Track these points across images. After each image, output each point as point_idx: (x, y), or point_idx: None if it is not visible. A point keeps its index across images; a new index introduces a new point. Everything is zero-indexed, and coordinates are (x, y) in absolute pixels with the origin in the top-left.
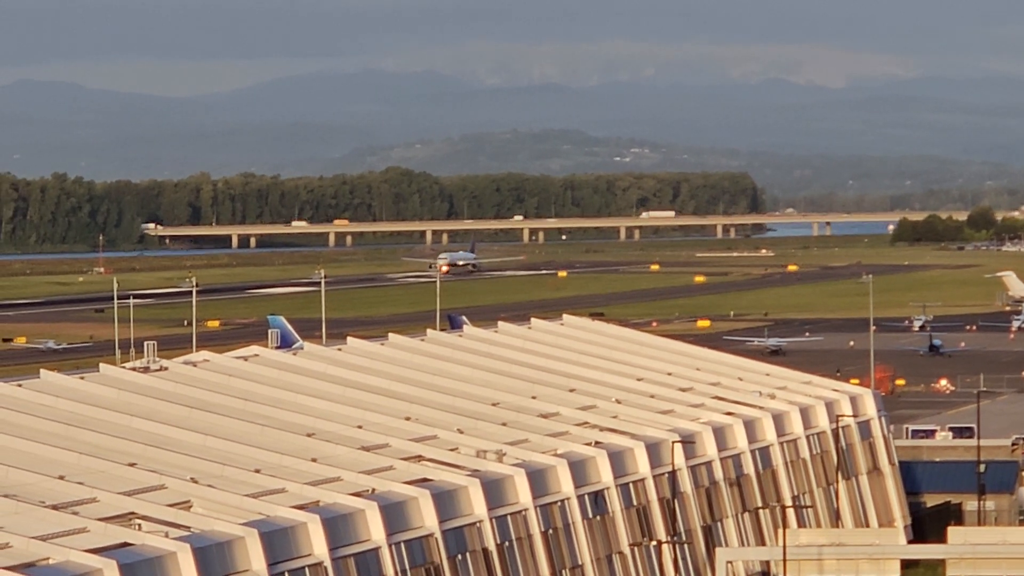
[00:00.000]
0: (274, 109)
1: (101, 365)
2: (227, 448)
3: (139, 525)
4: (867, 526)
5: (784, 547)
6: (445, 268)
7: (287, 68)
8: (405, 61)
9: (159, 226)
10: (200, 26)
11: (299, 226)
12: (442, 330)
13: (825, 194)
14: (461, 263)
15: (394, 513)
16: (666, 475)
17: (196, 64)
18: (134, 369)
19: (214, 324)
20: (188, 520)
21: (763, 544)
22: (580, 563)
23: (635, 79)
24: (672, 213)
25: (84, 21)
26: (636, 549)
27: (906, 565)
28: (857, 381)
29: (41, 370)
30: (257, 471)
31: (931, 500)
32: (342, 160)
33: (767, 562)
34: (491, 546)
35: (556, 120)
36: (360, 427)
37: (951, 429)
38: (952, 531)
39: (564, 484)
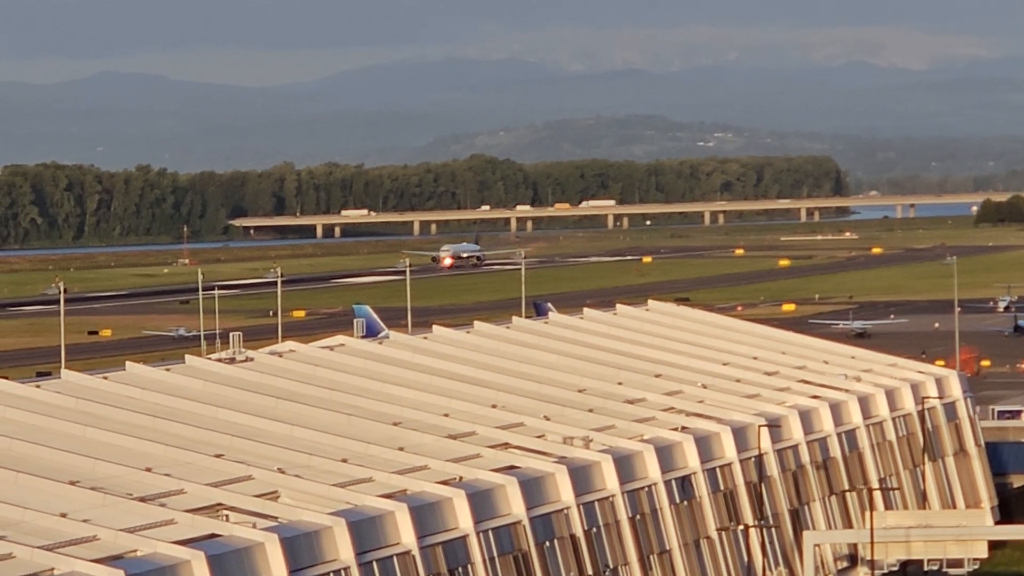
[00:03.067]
0: (357, 98)
1: (187, 356)
2: (314, 438)
3: (227, 516)
4: (954, 508)
5: (871, 530)
6: (449, 261)
7: (371, 57)
8: (488, 48)
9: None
10: (284, 16)
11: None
12: (528, 317)
13: (908, 176)
14: (465, 255)
15: (481, 501)
16: (753, 459)
17: (279, 54)
18: (220, 360)
19: (300, 314)
20: (276, 510)
21: (850, 527)
22: (668, 548)
23: (717, 63)
24: (612, 202)
25: (166, 12)
26: (723, 533)
27: (993, 546)
28: (942, 363)
29: (127, 362)
30: (344, 460)
31: (1017, 481)
32: (426, 148)
33: (854, 545)
34: (579, 532)
35: (639, 105)
36: (447, 415)
37: None
38: None
39: (651, 469)
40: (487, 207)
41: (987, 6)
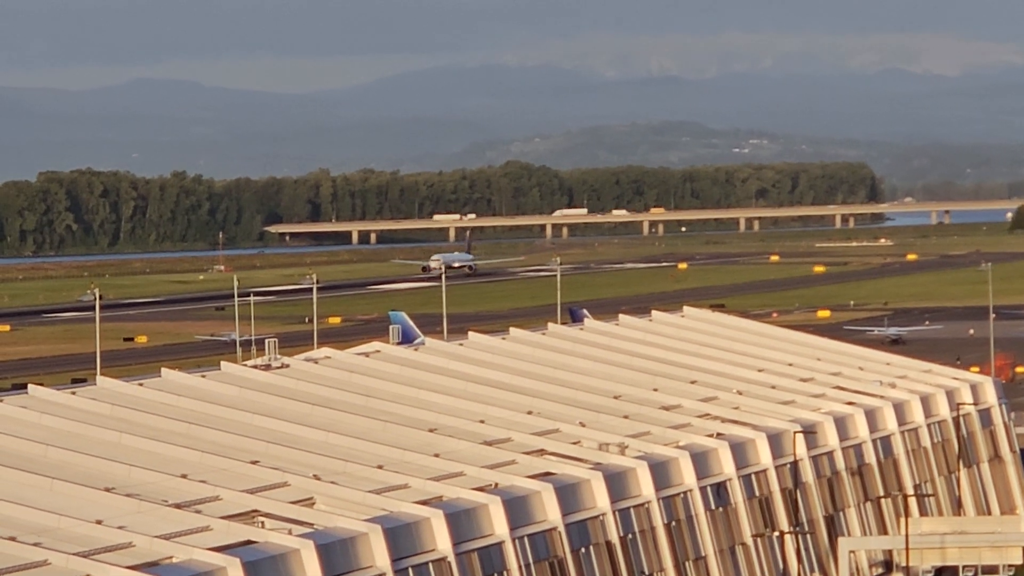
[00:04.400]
0: (393, 105)
1: (222, 363)
2: (349, 444)
3: (262, 523)
4: (989, 514)
5: (906, 536)
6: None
7: (406, 63)
8: (524, 55)
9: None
10: (318, 22)
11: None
12: (563, 323)
13: (943, 183)
14: (457, 265)
15: (517, 507)
16: (788, 466)
17: (315, 60)
18: (256, 367)
19: (335, 321)
20: (311, 517)
21: (885, 533)
22: (703, 555)
23: (753, 70)
24: (584, 210)
25: (201, 19)
26: (759, 540)
27: None
28: (977, 369)
29: (162, 369)
30: (380, 467)
31: None
32: (461, 155)
33: (889, 551)
34: (614, 539)
35: (674, 112)
36: (482, 422)
37: None
38: None
39: (686, 476)
40: (568, 209)
41: (1021, 13)
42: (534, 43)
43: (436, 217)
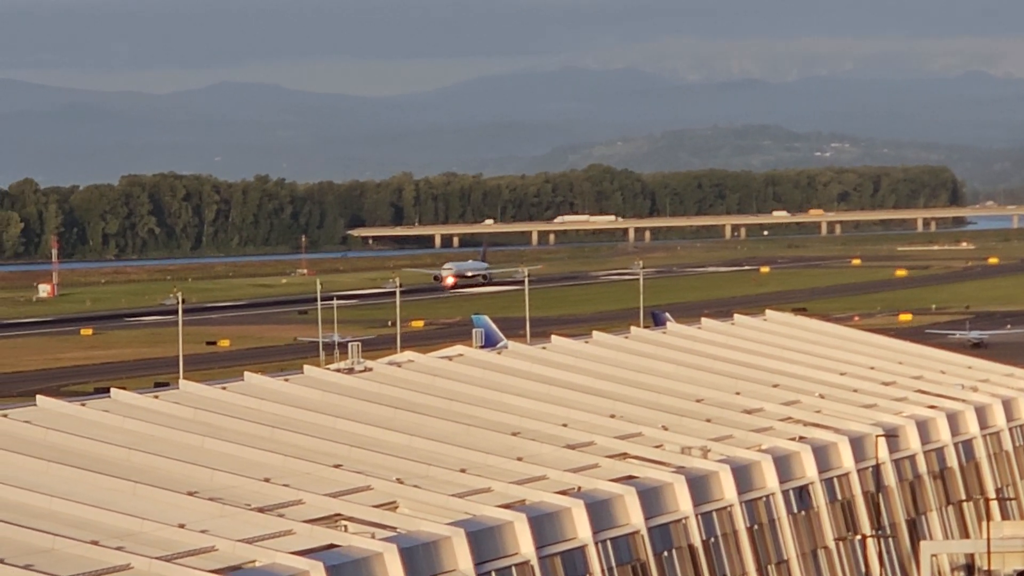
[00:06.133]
0: (475, 108)
1: (305, 367)
2: (432, 448)
3: (345, 526)
4: None
5: (988, 539)
6: (451, 280)
7: (488, 67)
8: (606, 58)
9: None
10: (401, 25)
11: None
12: (646, 327)
13: None
14: (470, 274)
15: (600, 511)
16: (870, 469)
17: (397, 64)
18: (339, 371)
19: (418, 324)
20: (394, 521)
21: (967, 537)
22: (785, 558)
23: (834, 73)
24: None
25: (283, 22)
26: (841, 543)
27: None
28: None
29: (245, 373)
30: (463, 471)
31: None
32: (544, 158)
33: (971, 555)
34: (696, 542)
35: (756, 116)
36: (565, 425)
37: None
38: None
39: (769, 479)
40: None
41: None
42: (616, 47)
43: (562, 219)
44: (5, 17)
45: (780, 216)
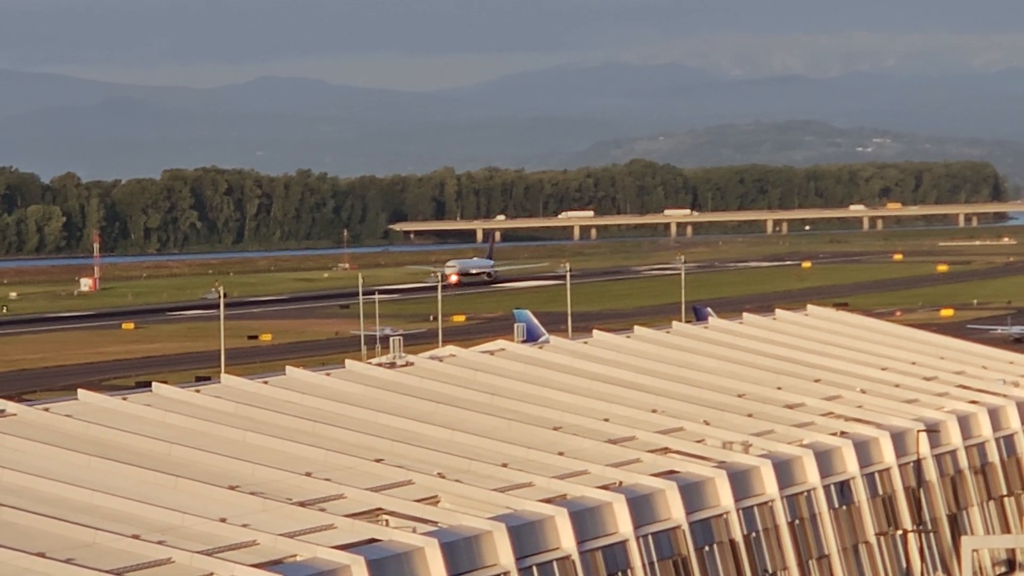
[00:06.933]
0: (517, 103)
1: (347, 361)
2: (474, 443)
3: (386, 521)
4: None
5: None
6: (455, 278)
7: (530, 62)
8: (648, 54)
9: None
10: (443, 21)
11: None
12: (687, 322)
13: None
14: (475, 271)
15: (641, 505)
16: (911, 464)
17: (439, 59)
18: (380, 365)
19: (460, 319)
20: (435, 515)
21: (1008, 532)
22: (827, 553)
23: (876, 69)
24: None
25: (326, 17)
26: (882, 539)
27: None
28: None
29: (287, 367)
30: (504, 465)
31: None
32: (585, 153)
33: (1012, 550)
34: (738, 537)
35: (798, 111)
36: (607, 420)
37: None
38: None
39: (810, 474)
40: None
41: None
42: (658, 42)
43: (567, 214)
44: (47, 13)
45: (829, 212)
